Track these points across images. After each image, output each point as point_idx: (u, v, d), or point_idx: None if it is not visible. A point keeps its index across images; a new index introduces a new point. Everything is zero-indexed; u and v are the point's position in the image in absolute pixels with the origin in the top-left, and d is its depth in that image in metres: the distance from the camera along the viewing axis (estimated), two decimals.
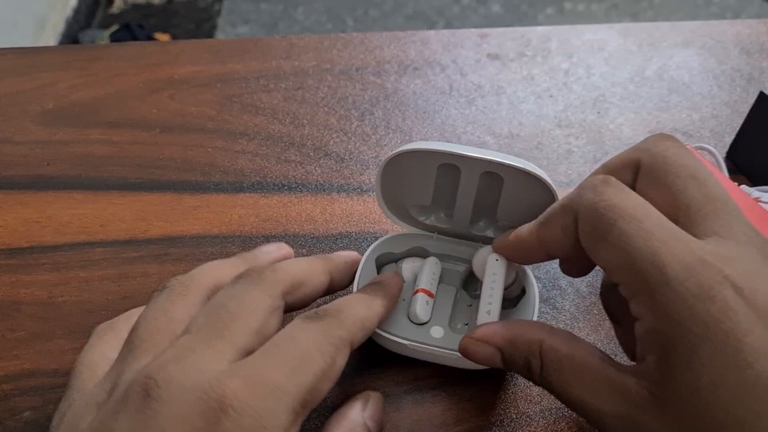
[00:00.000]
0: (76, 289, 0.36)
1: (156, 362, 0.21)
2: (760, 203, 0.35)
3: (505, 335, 0.26)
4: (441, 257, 0.34)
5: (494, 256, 0.31)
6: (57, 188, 0.41)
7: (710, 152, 0.40)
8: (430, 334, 0.31)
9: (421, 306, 0.31)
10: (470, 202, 0.33)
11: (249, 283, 0.25)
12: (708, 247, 0.21)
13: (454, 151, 0.30)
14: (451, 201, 0.33)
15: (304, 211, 0.40)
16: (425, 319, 0.31)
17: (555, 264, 0.37)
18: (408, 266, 0.33)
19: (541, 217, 0.27)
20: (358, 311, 0.25)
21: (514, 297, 0.33)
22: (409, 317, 0.31)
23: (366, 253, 0.33)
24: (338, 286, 0.30)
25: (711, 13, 1.86)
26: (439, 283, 0.33)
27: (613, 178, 0.24)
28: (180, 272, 0.36)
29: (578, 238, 0.24)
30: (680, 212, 0.23)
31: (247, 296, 0.24)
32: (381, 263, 0.34)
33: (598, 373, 0.23)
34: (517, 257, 0.29)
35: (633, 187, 0.24)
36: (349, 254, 0.31)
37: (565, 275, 0.37)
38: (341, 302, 0.25)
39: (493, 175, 0.31)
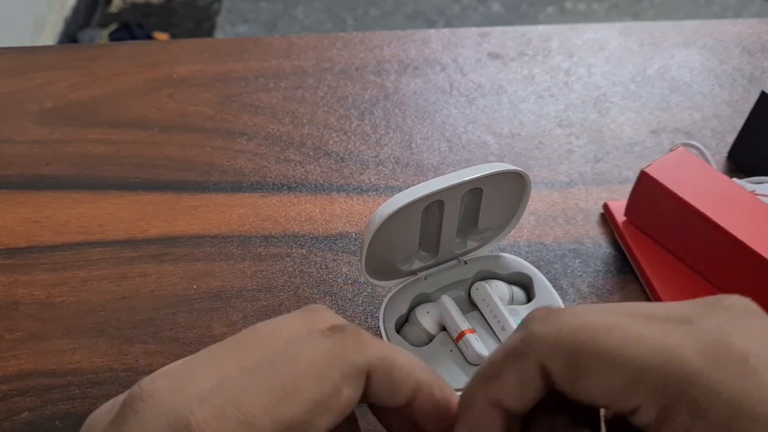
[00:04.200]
0: (74, 289, 0.36)
1: (157, 372, 0.19)
2: (756, 196, 0.35)
3: None
4: (441, 291, 0.33)
5: (475, 286, 0.33)
6: (55, 188, 0.41)
7: (697, 148, 0.41)
8: None
9: (477, 344, 0.30)
10: (454, 228, 0.32)
11: (298, 317, 0.21)
12: (706, 320, 0.19)
13: (438, 188, 0.29)
14: (436, 236, 0.32)
15: (304, 211, 0.40)
16: (487, 354, 0.30)
17: (556, 264, 0.37)
18: (427, 319, 0.32)
19: (480, 375, 0.21)
20: (387, 345, 0.21)
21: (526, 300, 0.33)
22: (469, 361, 0.30)
23: (386, 339, 0.31)
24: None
25: (712, 13, 1.86)
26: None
27: (557, 309, 0.20)
28: (179, 272, 0.36)
29: (545, 385, 0.19)
30: None
31: (285, 323, 0.21)
32: (397, 329, 0.32)
33: None
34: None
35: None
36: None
37: (566, 275, 0.37)
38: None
39: (473, 190, 0.31)
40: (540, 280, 0.33)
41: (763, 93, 0.40)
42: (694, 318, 0.19)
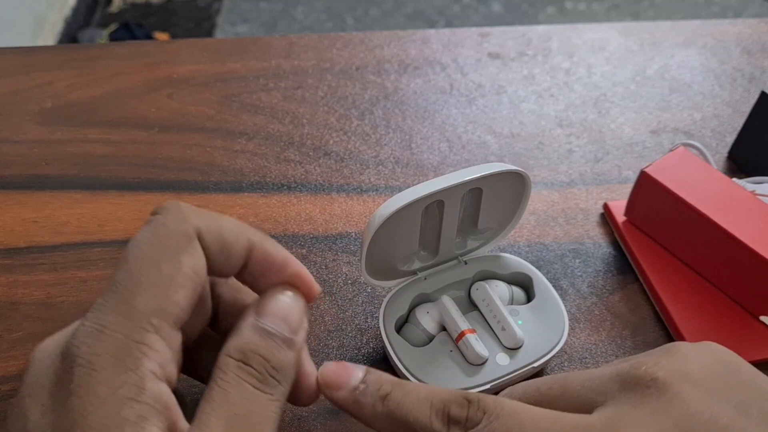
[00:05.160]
0: (74, 290, 0.36)
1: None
2: (756, 196, 0.35)
3: None
4: (441, 291, 0.33)
5: (475, 286, 0.33)
6: (55, 188, 0.41)
7: (697, 148, 0.41)
8: (499, 363, 0.30)
9: (477, 345, 0.30)
10: (454, 228, 0.32)
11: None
12: (597, 420, 0.21)
13: (438, 188, 0.29)
14: (436, 236, 0.32)
15: (304, 211, 0.40)
16: (487, 354, 0.30)
17: (556, 264, 0.37)
18: (427, 319, 0.32)
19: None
20: (212, 213, 0.22)
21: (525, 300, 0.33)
22: (469, 362, 0.30)
23: (386, 339, 0.31)
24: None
25: (712, 13, 1.86)
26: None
27: (482, 403, 0.21)
28: None
29: None
30: None
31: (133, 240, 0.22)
32: (397, 329, 0.32)
33: None
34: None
35: None
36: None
37: (566, 275, 0.37)
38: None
39: (473, 190, 0.31)
40: (540, 280, 0.33)
41: (763, 93, 0.40)
42: (596, 404, 0.21)
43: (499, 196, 0.32)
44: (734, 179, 0.37)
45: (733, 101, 0.47)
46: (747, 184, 0.38)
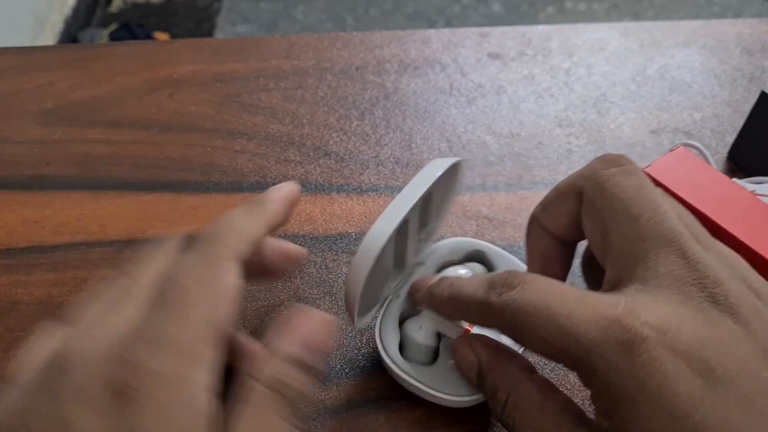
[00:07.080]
0: (74, 290, 0.36)
1: (69, 331, 0.20)
2: (756, 196, 0.35)
3: (489, 356, 0.26)
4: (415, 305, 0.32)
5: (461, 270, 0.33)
6: (56, 188, 0.41)
7: (697, 148, 0.41)
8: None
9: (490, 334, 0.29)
10: (415, 235, 0.32)
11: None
12: (622, 300, 0.21)
13: (406, 210, 0.27)
14: (402, 251, 0.32)
15: (304, 211, 0.40)
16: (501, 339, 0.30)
17: None
18: (422, 334, 0.30)
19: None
20: (236, 223, 0.24)
21: None
22: None
23: (399, 371, 0.30)
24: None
25: (712, 13, 1.86)
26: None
27: (520, 275, 0.23)
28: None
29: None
30: (609, 256, 0.23)
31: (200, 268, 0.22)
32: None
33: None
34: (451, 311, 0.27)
35: (578, 215, 0.25)
36: (285, 189, 0.28)
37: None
38: (218, 220, 0.24)
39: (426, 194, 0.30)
40: (492, 250, 0.34)
41: (763, 93, 0.40)
42: (634, 275, 0.22)
43: (443, 191, 0.32)
44: (734, 179, 0.37)
45: (733, 101, 0.47)
46: (747, 184, 0.38)
